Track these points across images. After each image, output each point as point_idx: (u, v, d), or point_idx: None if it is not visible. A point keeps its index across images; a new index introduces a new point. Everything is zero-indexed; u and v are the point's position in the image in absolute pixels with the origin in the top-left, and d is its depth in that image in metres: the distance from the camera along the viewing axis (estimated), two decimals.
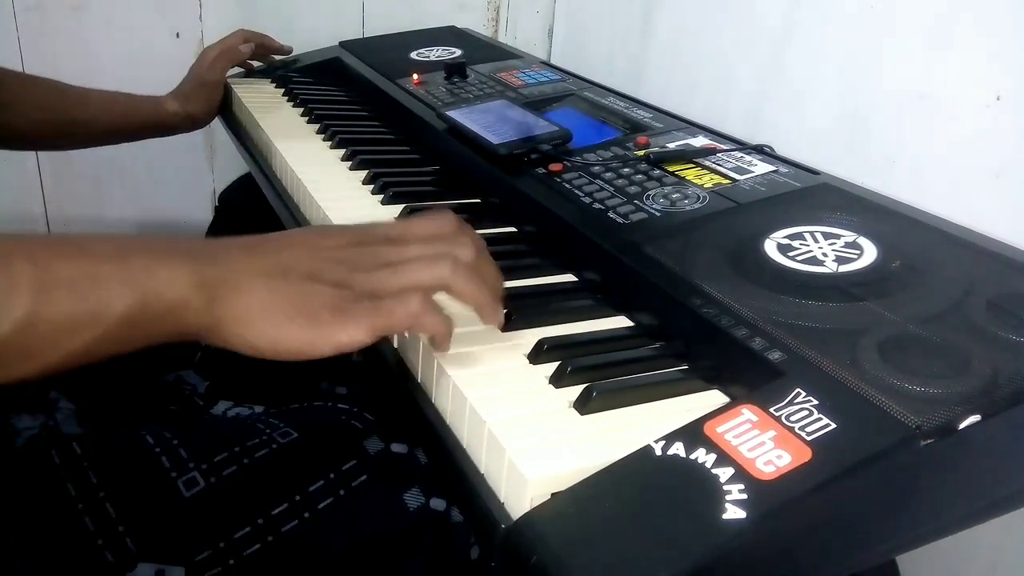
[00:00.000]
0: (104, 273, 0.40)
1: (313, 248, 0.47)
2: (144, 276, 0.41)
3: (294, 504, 0.52)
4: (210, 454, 0.53)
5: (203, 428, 0.58)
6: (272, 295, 0.44)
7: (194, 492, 0.51)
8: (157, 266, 0.41)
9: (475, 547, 0.56)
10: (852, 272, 0.55)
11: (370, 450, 0.56)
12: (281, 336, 0.43)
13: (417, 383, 0.53)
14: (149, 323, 0.41)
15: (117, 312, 0.40)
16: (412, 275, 0.47)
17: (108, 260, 0.41)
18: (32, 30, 1.17)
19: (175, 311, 0.42)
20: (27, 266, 0.38)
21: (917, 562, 0.81)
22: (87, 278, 0.40)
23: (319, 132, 0.96)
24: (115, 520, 0.49)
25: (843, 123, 0.87)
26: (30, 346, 0.38)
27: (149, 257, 0.42)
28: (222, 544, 0.50)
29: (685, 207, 0.65)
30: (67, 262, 0.40)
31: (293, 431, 0.56)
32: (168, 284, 0.41)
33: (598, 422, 0.46)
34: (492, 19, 1.46)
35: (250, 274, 0.44)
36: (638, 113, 0.88)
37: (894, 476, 0.41)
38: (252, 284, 0.43)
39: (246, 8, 1.28)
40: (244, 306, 0.43)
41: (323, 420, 0.59)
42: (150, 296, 0.41)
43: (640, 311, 0.58)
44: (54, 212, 1.28)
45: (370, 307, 0.45)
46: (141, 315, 0.41)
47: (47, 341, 0.39)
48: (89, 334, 0.40)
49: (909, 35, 0.80)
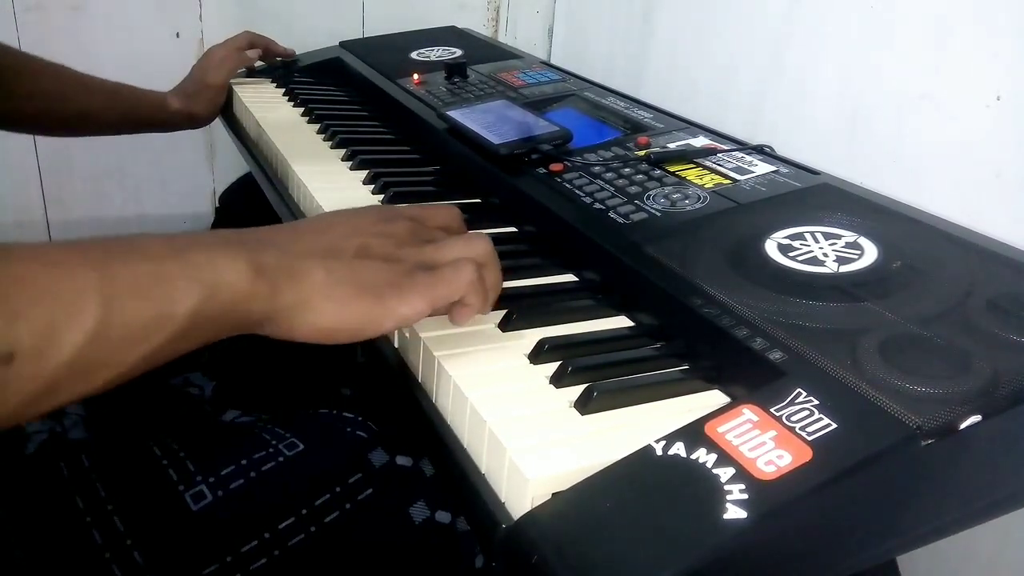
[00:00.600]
0: (168, 272, 0.38)
1: (354, 227, 0.47)
2: (208, 270, 0.40)
3: (300, 518, 0.52)
4: (217, 467, 0.53)
5: (210, 439, 0.58)
6: (330, 276, 0.43)
7: (201, 506, 0.51)
8: (218, 259, 0.40)
9: (479, 556, 0.56)
10: (853, 272, 0.55)
11: (375, 463, 0.56)
12: (344, 315, 0.43)
13: (418, 383, 0.53)
14: (217, 317, 0.40)
15: (187, 309, 0.38)
16: (459, 248, 0.48)
17: (168, 258, 0.39)
18: (32, 30, 1.17)
19: (240, 302, 0.40)
20: (91, 273, 0.36)
21: (917, 562, 0.81)
22: (152, 278, 0.38)
23: (319, 132, 0.96)
24: (123, 533, 0.49)
25: (843, 123, 0.87)
26: (104, 355, 0.37)
27: (207, 251, 0.40)
28: (229, 558, 0.49)
29: (686, 207, 0.65)
30: (129, 265, 0.38)
31: (299, 442, 0.56)
32: (233, 275, 0.40)
33: (599, 422, 0.46)
34: (492, 19, 1.46)
35: (304, 257, 0.43)
36: (638, 113, 0.88)
37: (894, 476, 0.41)
38: (310, 268, 0.43)
39: (246, 8, 1.28)
40: (306, 290, 0.42)
41: (328, 431, 0.59)
42: (216, 289, 0.39)
43: (641, 311, 0.58)
44: (54, 212, 1.27)
45: (426, 278, 0.45)
46: (209, 310, 0.39)
47: (120, 348, 0.37)
48: (161, 335, 0.38)
49: (909, 35, 0.80)
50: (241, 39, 1.10)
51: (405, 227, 0.49)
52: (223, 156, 1.34)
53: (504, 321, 0.55)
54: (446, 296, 0.46)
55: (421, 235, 0.50)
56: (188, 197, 1.35)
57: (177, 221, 1.34)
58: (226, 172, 1.33)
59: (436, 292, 0.45)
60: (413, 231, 0.49)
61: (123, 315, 0.37)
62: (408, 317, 0.45)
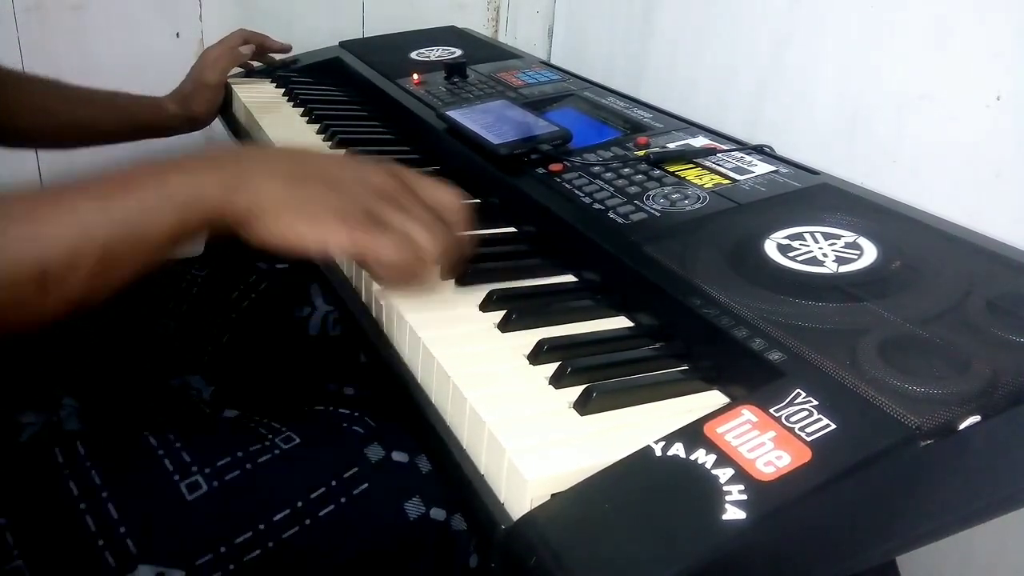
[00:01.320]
0: (152, 199, 0.48)
1: (341, 166, 0.55)
2: (189, 190, 0.49)
3: (295, 511, 0.52)
4: (213, 458, 0.53)
5: (206, 432, 0.58)
6: (288, 196, 0.51)
7: (196, 496, 0.51)
8: (201, 178, 0.50)
9: (474, 555, 0.56)
10: (852, 272, 0.55)
11: (371, 458, 0.56)
12: (289, 230, 0.50)
13: (417, 383, 0.53)
14: (199, 224, 0.50)
15: (170, 224, 0.48)
16: (416, 228, 0.52)
17: (151, 188, 0.49)
18: (32, 30, 1.17)
19: (215, 213, 0.50)
20: (95, 204, 0.47)
21: (917, 562, 0.81)
22: (139, 209, 0.48)
23: (319, 132, 0.96)
24: (117, 521, 0.49)
25: (843, 123, 0.87)
26: (114, 261, 0.47)
27: (189, 174, 0.50)
28: (223, 548, 0.50)
29: (685, 207, 0.65)
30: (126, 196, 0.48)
31: (296, 436, 0.56)
32: (210, 192, 0.50)
33: (598, 422, 0.46)
34: (492, 19, 1.46)
35: (269, 177, 0.51)
36: (638, 113, 0.88)
37: (894, 476, 0.41)
38: (270, 187, 0.51)
39: (246, 8, 1.28)
40: (263, 205, 0.50)
41: (325, 426, 0.59)
42: (194, 206, 0.49)
43: (640, 311, 0.58)
44: None
45: (361, 222, 0.50)
46: (190, 221, 0.49)
47: (125, 256, 0.47)
48: (157, 241, 0.48)
49: (909, 35, 0.80)
50: (235, 37, 1.10)
51: (385, 183, 0.54)
52: None
53: (504, 321, 0.55)
54: (366, 247, 0.51)
55: (399, 198, 0.53)
56: None
57: None
58: None
59: (359, 237, 0.50)
60: (393, 189, 0.54)
61: (124, 231, 0.47)
62: (327, 243, 0.50)
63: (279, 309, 0.79)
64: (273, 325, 0.79)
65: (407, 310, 0.56)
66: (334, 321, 0.79)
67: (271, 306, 0.79)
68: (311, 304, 0.77)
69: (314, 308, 0.77)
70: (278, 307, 0.79)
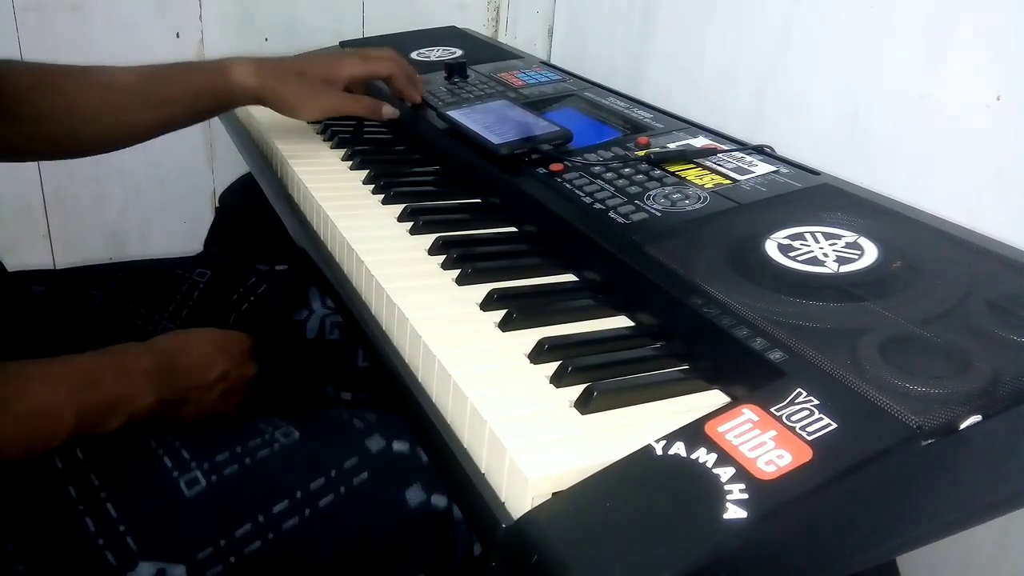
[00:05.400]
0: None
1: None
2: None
3: (295, 501, 0.52)
4: (211, 453, 0.53)
5: (204, 428, 0.58)
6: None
7: (195, 491, 0.51)
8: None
9: (477, 544, 0.56)
10: (853, 272, 0.55)
11: (371, 448, 0.56)
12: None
13: (418, 382, 0.53)
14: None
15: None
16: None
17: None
18: (32, 30, 1.17)
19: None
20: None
21: (917, 562, 0.81)
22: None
23: (319, 132, 0.96)
24: (116, 520, 0.49)
25: (843, 123, 0.87)
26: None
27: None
28: (223, 542, 0.50)
29: (686, 207, 0.65)
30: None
31: (295, 431, 0.56)
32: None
33: (599, 422, 0.46)
34: (492, 19, 1.46)
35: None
36: (638, 113, 0.88)
37: (895, 476, 0.41)
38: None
39: (246, 8, 1.28)
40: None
41: (325, 419, 0.59)
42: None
43: (641, 311, 0.58)
44: (54, 212, 1.27)
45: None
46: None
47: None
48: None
49: (909, 35, 0.80)
50: (388, 65, 0.92)
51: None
52: (223, 156, 1.34)
53: (504, 321, 0.55)
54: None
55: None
56: (188, 197, 1.35)
57: (177, 221, 1.34)
58: (226, 172, 1.33)
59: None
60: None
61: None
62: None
63: (277, 312, 0.79)
64: (271, 328, 0.79)
65: (408, 308, 0.56)
66: (332, 325, 0.79)
67: (269, 309, 0.79)
68: (308, 307, 0.77)
69: (311, 311, 0.77)
70: (276, 310, 0.79)
